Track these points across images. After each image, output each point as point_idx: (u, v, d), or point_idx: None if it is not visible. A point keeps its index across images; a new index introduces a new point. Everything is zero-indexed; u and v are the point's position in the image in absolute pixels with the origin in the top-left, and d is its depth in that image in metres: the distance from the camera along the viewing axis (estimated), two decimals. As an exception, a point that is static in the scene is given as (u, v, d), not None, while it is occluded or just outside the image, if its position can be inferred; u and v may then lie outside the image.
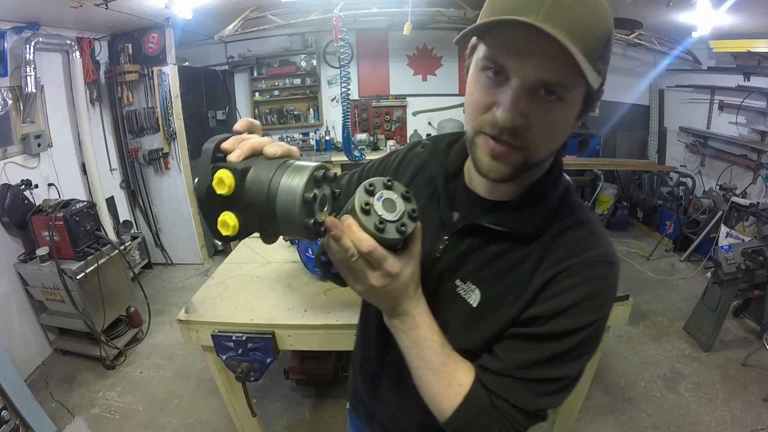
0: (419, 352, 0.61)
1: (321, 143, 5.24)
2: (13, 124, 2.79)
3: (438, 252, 0.70)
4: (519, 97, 0.51)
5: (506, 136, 0.53)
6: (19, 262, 2.64)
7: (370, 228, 0.51)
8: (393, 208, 0.54)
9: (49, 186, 3.02)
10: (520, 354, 0.61)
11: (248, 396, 1.62)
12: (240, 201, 0.48)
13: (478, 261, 0.66)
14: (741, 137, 4.07)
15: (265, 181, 0.48)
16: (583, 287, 0.59)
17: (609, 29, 0.51)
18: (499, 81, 0.53)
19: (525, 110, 0.51)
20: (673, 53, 4.58)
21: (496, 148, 0.55)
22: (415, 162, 0.79)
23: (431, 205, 0.73)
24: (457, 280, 0.67)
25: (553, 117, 0.53)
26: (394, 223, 0.53)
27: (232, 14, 3.82)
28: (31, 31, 2.81)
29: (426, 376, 0.61)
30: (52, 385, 2.59)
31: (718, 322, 2.73)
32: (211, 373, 1.70)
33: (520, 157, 0.55)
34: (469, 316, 0.65)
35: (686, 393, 2.44)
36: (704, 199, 4.05)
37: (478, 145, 0.57)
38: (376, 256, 0.52)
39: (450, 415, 0.61)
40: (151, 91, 3.76)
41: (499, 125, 0.53)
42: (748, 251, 2.67)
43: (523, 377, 0.60)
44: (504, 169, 0.56)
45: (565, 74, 0.48)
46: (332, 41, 4.64)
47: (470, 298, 0.66)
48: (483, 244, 0.66)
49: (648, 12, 3.66)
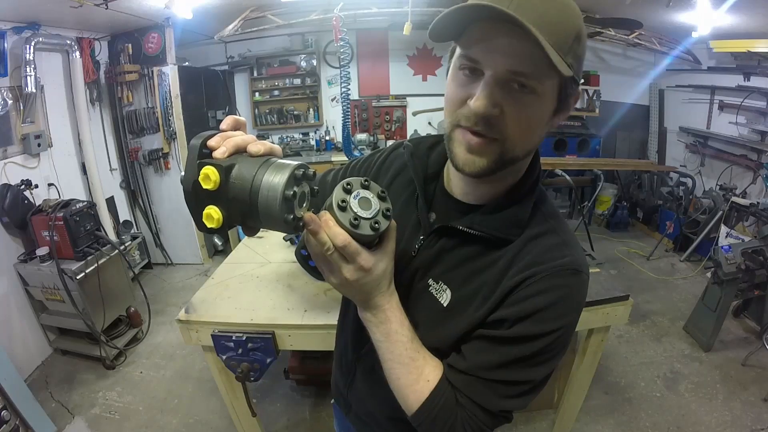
0: (389, 345, 0.63)
1: (321, 143, 5.24)
2: (13, 124, 2.79)
3: (413, 251, 0.72)
4: (492, 87, 0.53)
5: (481, 126, 0.55)
6: (19, 262, 2.64)
7: (345, 224, 0.54)
8: (368, 206, 0.56)
9: (49, 186, 3.02)
10: (484, 355, 0.62)
11: (248, 396, 1.62)
12: (224, 196, 0.51)
13: (451, 262, 0.68)
14: (741, 137, 4.07)
15: (248, 178, 0.50)
16: (548, 294, 0.59)
17: (577, 26, 0.53)
18: (474, 77, 0.55)
19: (498, 100, 0.53)
20: (673, 53, 4.58)
21: (471, 140, 0.56)
22: (396, 163, 0.81)
23: (410, 205, 0.76)
24: (430, 279, 0.69)
25: (526, 109, 0.54)
26: (369, 220, 0.56)
27: (232, 14, 3.82)
28: (31, 31, 2.81)
29: (395, 369, 0.63)
30: (52, 385, 2.59)
31: (718, 322, 2.73)
32: (211, 373, 1.70)
33: (496, 150, 0.57)
34: (439, 315, 0.67)
35: (686, 393, 2.44)
36: (704, 199, 4.05)
37: (454, 139, 0.59)
38: (350, 251, 0.55)
39: (416, 410, 0.63)
40: (151, 91, 3.76)
41: (473, 114, 0.54)
42: (748, 251, 2.67)
43: (487, 378, 0.61)
44: (480, 162, 0.57)
45: (535, 65, 0.51)
46: (332, 41, 4.64)
47: (441, 297, 0.67)
48: (457, 245, 0.68)
49: (648, 12, 3.67)
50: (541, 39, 0.47)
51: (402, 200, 0.77)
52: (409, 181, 0.77)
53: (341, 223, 0.54)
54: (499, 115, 0.54)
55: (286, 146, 5.22)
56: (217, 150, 0.52)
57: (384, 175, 0.82)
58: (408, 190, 0.77)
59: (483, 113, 0.54)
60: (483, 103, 0.53)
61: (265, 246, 2.22)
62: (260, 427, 1.90)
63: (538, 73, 0.52)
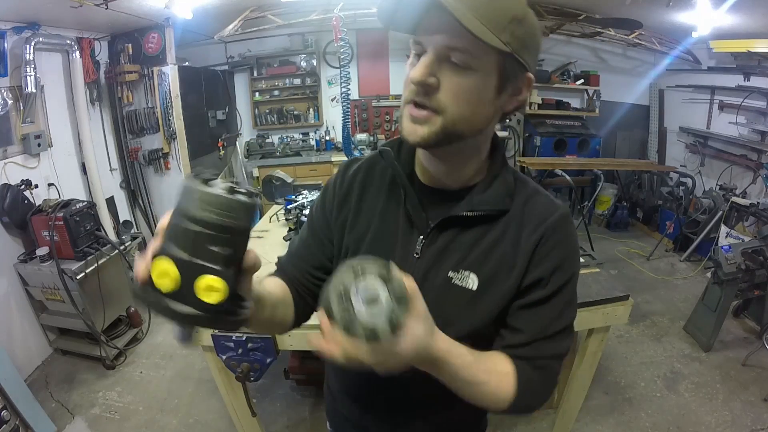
0: (461, 379, 0.61)
1: (321, 143, 5.24)
2: (13, 124, 2.79)
3: (416, 253, 0.72)
4: (429, 59, 0.58)
5: (420, 97, 0.60)
6: (19, 262, 2.64)
7: (363, 345, 0.47)
8: (376, 301, 0.47)
9: (49, 186, 3.02)
10: (538, 320, 0.68)
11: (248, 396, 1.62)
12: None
13: (462, 249, 0.70)
14: (741, 137, 4.07)
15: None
16: (564, 243, 0.69)
17: (515, 9, 0.57)
18: (418, 58, 0.60)
19: (434, 71, 0.58)
20: (673, 53, 4.59)
21: (413, 111, 0.61)
22: (359, 178, 0.79)
23: (392, 212, 0.75)
24: (450, 272, 0.70)
25: (462, 83, 0.58)
26: (386, 321, 0.47)
27: (232, 14, 3.83)
28: (31, 31, 2.81)
29: (475, 388, 0.64)
30: (52, 385, 2.60)
31: (718, 322, 2.73)
32: (211, 373, 1.70)
33: (436, 122, 0.60)
34: (471, 301, 0.69)
35: (686, 393, 2.44)
36: (704, 199, 4.05)
37: (403, 115, 0.63)
38: (383, 355, 0.50)
39: (511, 401, 0.66)
40: (151, 91, 3.76)
41: (411, 83, 0.59)
42: (748, 251, 2.67)
43: (547, 334, 0.68)
44: (421, 131, 0.61)
45: (467, 41, 0.55)
46: (332, 41, 4.64)
47: (468, 283, 0.69)
48: (458, 233, 0.70)
49: (648, 12, 3.67)
50: (460, 13, 0.52)
51: (379, 210, 0.76)
52: (382, 189, 0.77)
53: (358, 346, 0.47)
54: (436, 86, 0.58)
55: (286, 146, 5.22)
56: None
57: (349, 198, 0.79)
58: (383, 198, 0.76)
59: (419, 80, 0.58)
60: (419, 71, 0.58)
61: (264, 246, 2.22)
62: (260, 427, 1.90)
63: (472, 49, 0.56)
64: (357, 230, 0.77)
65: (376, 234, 0.75)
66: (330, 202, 0.81)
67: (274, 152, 5.16)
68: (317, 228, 0.83)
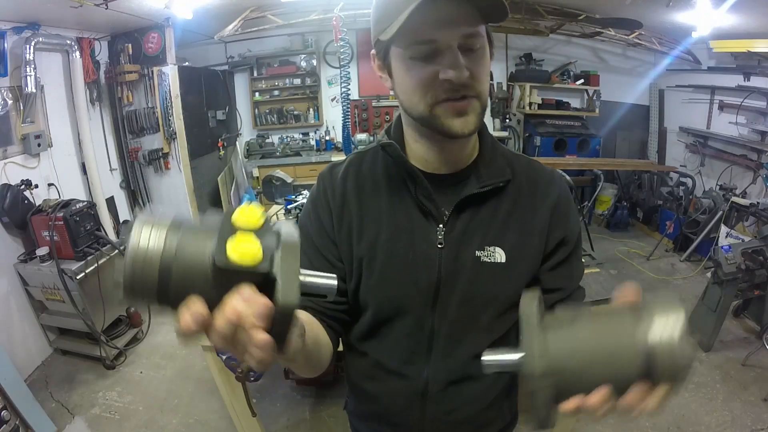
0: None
1: (321, 143, 5.24)
2: (13, 124, 2.79)
3: (440, 243, 0.71)
4: (458, 55, 0.59)
5: (464, 91, 0.61)
6: (19, 262, 2.64)
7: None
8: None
9: (49, 186, 3.02)
10: (569, 275, 0.76)
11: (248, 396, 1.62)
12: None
13: (482, 227, 0.71)
14: (741, 137, 4.07)
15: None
16: (571, 202, 0.78)
17: None
18: (430, 57, 0.60)
19: (465, 65, 0.59)
20: (673, 53, 4.58)
21: (459, 106, 0.62)
22: (349, 185, 0.75)
23: (399, 210, 0.72)
24: (476, 251, 0.71)
25: (482, 63, 0.62)
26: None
27: (232, 14, 3.83)
28: (31, 31, 2.81)
29: None
30: (52, 385, 2.59)
31: (718, 322, 2.73)
32: (211, 373, 1.70)
33: (477, 105, 0.63)
34: (503, 273, 0.71)
35: (686, 393, 2.44)
36: (704, 199, 4.05)
37: (440, 114, 0.63)
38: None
39: None
40: (151, 91, 3.76)
41: (455, 83, 0.59)
42: (748, 251, 2.67)
43: (578, 286, 0.78)
44: (472, 119, 0.63)
45: (475, 22, 0.59)
46: (332, 41, 4.64)
47: (496, 258, 0.71)
48: (474, 213, 0.71)
49: (648, 12, 3.67)
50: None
51: (385, 209, 0.72)
52: (380, 187, 0.73)
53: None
54: (469, 75, 0.60)
55: (286, 146, 5.22)
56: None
57: (347, 206, 0.74)
58: (385, 196, 0.73)
59: (463, 80, 0.59)
60: (461, 72, 0.58)
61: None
62: (260, 427, 1.90)
63: (479, 29, 0.60)
64: (366, 237, 0.72)
65: (389, 235, 0.72)
66: (327, 218, 0.75)
67: (274, 152, 5.17)
68: (321, 249, 0.75)
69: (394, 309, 0.74)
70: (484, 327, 0.73)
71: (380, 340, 0.77)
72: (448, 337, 0.73)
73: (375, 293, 0.74)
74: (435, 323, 0.73)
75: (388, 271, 0.72)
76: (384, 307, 0.74)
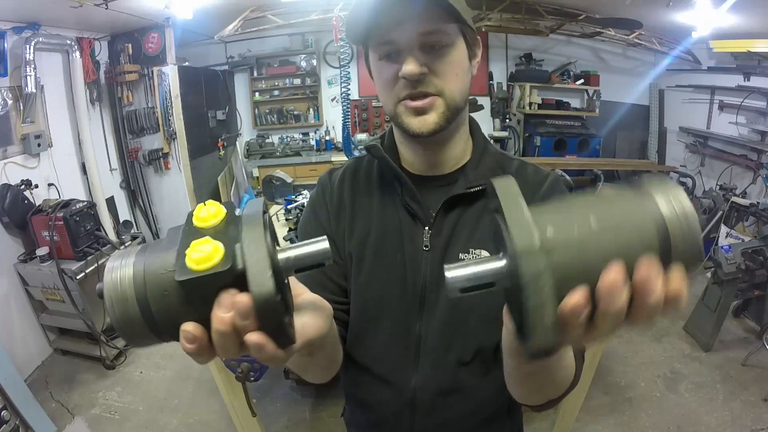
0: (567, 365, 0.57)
1: (321, 143, 5.24)
2: (13, 124, 2.79)
3: (425, 246, 0.71)
4: (412, 51, 0.59)
5: (420, 87, 0.60)
6: (19, 262, 2.64)
7: None
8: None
9: (49, 186, 3.02)
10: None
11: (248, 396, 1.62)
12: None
13: (466, 229, 0.70)
14: (741, 137, 4.07)
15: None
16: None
17: None
18: (393, 56, 0.61)
19: (422, 61, 0.59)
20: (673, 53, 4.58)
21: (415, 103, 0.62)
22: (346, 186, 0.77)
23: (389, 206, 0.73)
24: (460, 254, 0.69)
25: (446, 61, 0.61)
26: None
27: (232, 14, 3.82)
28: (31, 31, 2.81)
29: (568, 371, 0.59)
30: (52, 385, 2.59)
31: (718, 322, 2.73)
32: (211, 373, 1.70)
33: (441, 104, 0.62)
34: None
35: (686, 393, 2.44)
36: (704, 199, 4.05)
37: (401, 113, 0.63)
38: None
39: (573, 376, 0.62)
40: (151, 91, 3.76)
41: (407, 78, 0.60)
42: (748, 251, 2.67)
43: None
44: (431, 119, 0.62)
45: (436, 19, 0.58)
46: (332, 41, 4.64)
47: None
48: (461, 215, 0.70)
49: (648, 12, 3.67)
50: None
51: (375, 210, 0.74)
52: (372, 188, 0.75)
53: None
54: (428, 73, 0.60)
55: (286, 146, 5.22)
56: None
57: (342, 206, 0.76)
58: (376, 197, 0.74)
59: (413, 74, 0.59)
60: (411, 66, 0.59)
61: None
62: (260, 427, 1.90)
63: (444, 27, 0.59)
64: (357, 235, 0.74)
65: (379, 234, 0.73)
66: (325, 217, 0.77)
67: (274, 152, 5.17)
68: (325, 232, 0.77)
69: (380, 309, 0.73)
70: (471, 333, 0.71)
71: (369, 345, 0.76)
72: (436, 343, 0.72)
73: (363, 291, 0.74)
74: (422, 328, 0.72)
75: (376, 270, 0.72)
76: (370, 306, 0.74)
